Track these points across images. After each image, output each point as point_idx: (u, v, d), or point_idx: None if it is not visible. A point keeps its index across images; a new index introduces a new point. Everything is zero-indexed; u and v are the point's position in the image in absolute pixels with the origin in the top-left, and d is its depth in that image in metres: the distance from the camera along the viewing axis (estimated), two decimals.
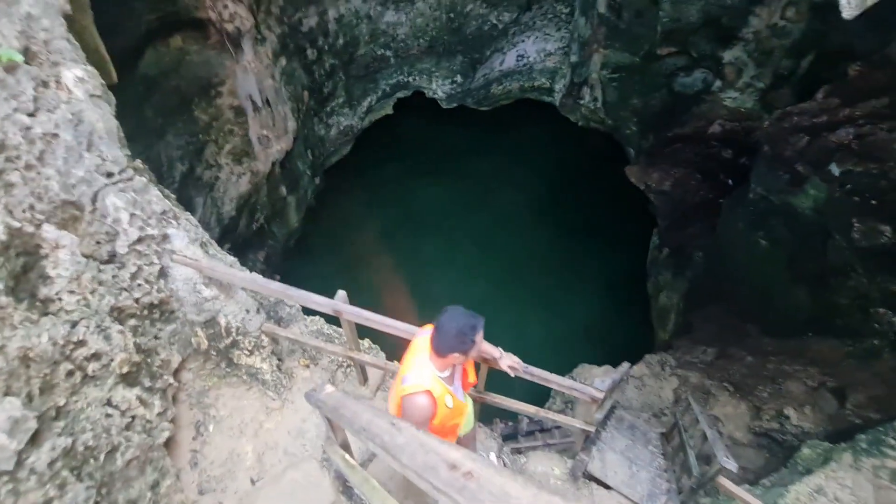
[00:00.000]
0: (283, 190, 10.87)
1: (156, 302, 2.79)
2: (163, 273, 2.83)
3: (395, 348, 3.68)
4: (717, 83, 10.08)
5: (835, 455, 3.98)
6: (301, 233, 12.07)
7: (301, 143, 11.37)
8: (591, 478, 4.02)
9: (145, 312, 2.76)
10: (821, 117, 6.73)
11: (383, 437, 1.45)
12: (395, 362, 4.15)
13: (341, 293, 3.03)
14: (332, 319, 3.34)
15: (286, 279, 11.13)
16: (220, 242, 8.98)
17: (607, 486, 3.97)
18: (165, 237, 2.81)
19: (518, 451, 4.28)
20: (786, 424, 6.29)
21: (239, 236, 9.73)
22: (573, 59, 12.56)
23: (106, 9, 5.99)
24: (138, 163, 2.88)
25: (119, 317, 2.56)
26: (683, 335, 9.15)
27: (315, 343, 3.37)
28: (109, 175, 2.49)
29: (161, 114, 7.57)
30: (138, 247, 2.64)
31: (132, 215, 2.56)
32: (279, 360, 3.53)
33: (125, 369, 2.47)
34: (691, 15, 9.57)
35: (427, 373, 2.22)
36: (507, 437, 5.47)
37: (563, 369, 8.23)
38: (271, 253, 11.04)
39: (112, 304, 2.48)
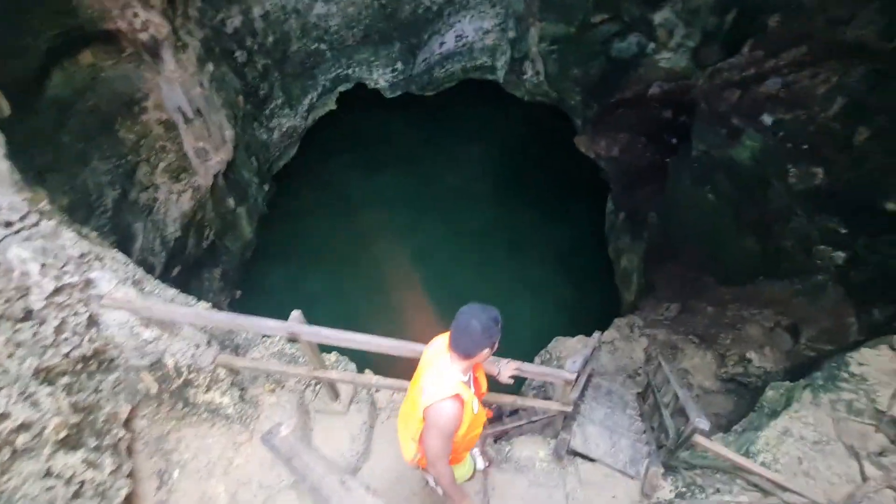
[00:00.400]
0: (231, 202, 10.38)
1: (89, 353, 2.56)
2: (92, 321, 2.59)
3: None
4: (651, 46, 10.26)
5: (795, 394, 4.20)
6: (257, 243, 11.62)
7: (243, 150, 10.84)
8: (575, 453, 4.09)
9: (79, 367, 2.53)
10: (749, 70, 6.96)
11: (331, 500, 1.36)
12: (367, 372, 4.05)
13: (295, 314, 2.88)
14: None
15: (247, 293, 10.78)
16: (169, 267, 8.51)
17: (592, 459, 4.05)
18: (89, 282, 2.57)
19: (501, 438, 4.29)
20: (749, 368, 6.63)
21: (189, 257, 9.24)
22: (511, 34, 12.48)
23: None
24: (44, 204, 2.60)
25: (47, 377, 2.32)
26: (647, 295, 9.46)
27: (277, 368, 3.22)
28: (8, 225, 2.23)
29: (81, 138, 6.98)
30: (57, 298, 2.40)
31: (43, 265, 2.30)
32: (241, 389, 3.36)
33: (62, 434, 2.26)
34: None
35: (452, 376, 2.08)
36: (493, 420, 5.48)
37: (540, 343, 8.37)
38: (228, 268, 10.58)
39: (36, 366, 2.24)
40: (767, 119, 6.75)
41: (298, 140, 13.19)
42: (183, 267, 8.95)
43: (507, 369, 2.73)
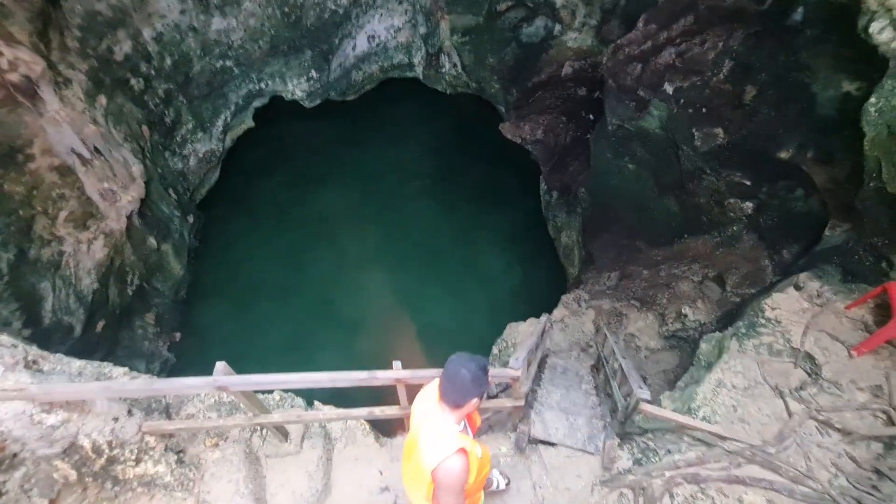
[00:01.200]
0: (153, 241, 9.67)
1: None
2: None
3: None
4: (557, 27, 10.56)
5: (725, 343, 4.51)
6: (190, 279, 10.94)
7: (157, 183, 10.12)
8: (537, 441, 4.19)
9: None
10: (646, 44, 7.33)
11: None
12: (317, 404, 3.91)
13: (220, 365, 2.70)
14: None
15: (188, 334, 10.14)
16: (91, 323, 7.84)
17: (553, 444, 4.16)
18: None
19: None
20: (686, 322, 7.07)
21: (114, 308, 8.55)
22: (422, 30, 12.42)
23: None
24: None
25: None
26: (589, 267, 9.84)
27: (213, 424, 3.02)
28: None
29: None
30: None
31: None
32: (178, 452, 3.13)
33: None
34: None
35: (449, 431, 2.07)
36: None
37: (496, 331, 8.50)
38: (161, 311, 9.90)
39: None
40: (669, 88, 7.15)
41: (219, 163, 12.50)
42: (108, 320, 8.27)
43: None
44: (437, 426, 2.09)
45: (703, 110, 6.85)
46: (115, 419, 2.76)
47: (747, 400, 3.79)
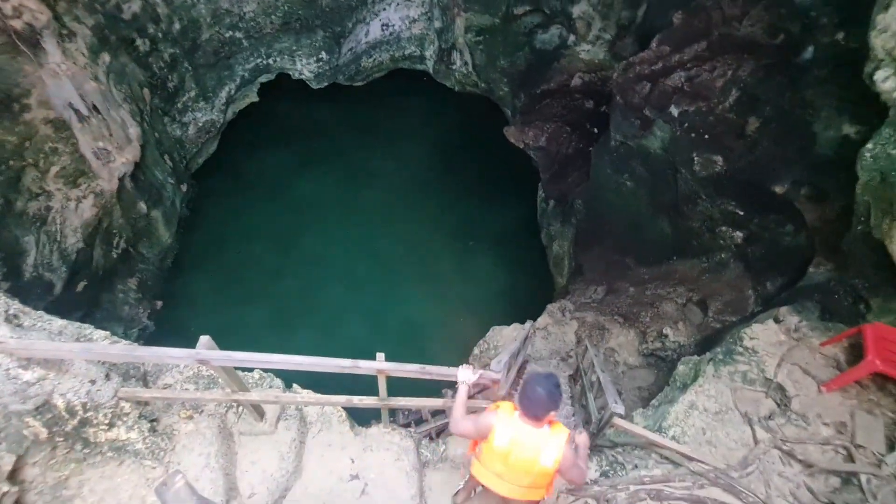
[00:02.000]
0: (143, 206, 9.53)
1: None
2: None
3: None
4: (572, 38, 10.60)
5: (701, 367, 4.61)
6: (178, 248, 10.81)
7: (153, 148, 9.97)
8: None
9: None
10: (657, 64, 7.39)
11: None
12: (295, 386, 3.91)
13: (204, 339, 2.69)
14: None
15: (169, 303, 10.04)
16: (72, 282, 7.72)
17: None
18: None
19: (432, 437, 4.34)
20: (666, 342, 7.19)
21: (97, 269, 8.43)
22: (437, 24, 12.37)
23: None
24: None
25: None
26: (577, 278, 9.94)
27: (190, 396, 3.01)
28: None
29: None
30: None
31: None
32: (152, 421, 3.12)
33: None
34: None
35: (546, 437, 2.44)
36: (417, 423, 5.53)
37: (479, 332, 8.55)
38: (145, 277, 9.77)
39: None
40: (674, 110, 7.23)
41: (218, 135, 12.35)
42: (90, 281, 8.16)
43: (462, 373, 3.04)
44: (540, 438, 2.43)
45: (706, 136, 6.94)
46: (92, 381, 2.74)
47: (717, 424, 3.88)
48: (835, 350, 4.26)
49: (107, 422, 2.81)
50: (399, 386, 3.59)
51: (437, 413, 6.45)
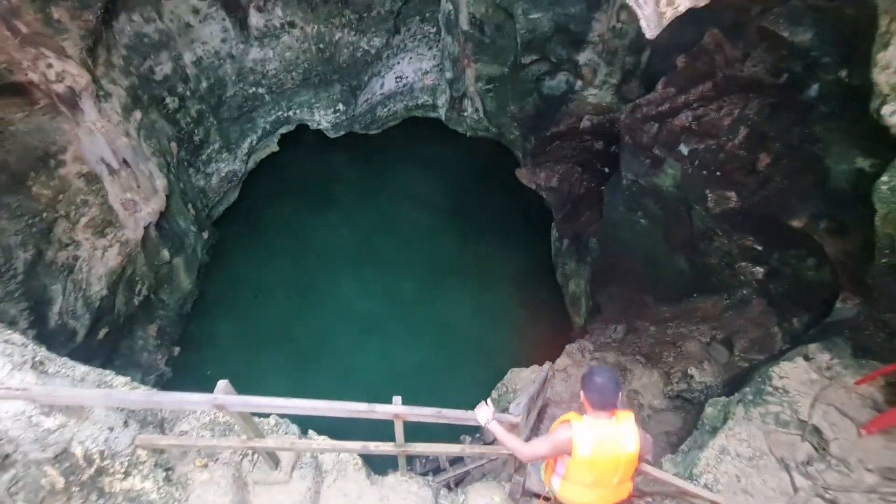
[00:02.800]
0: (166, 253, 9.83)
1: None
2: None
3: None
4: (578, 83, 10.98)
5: (730, 409, 4.41)
6: (197, 294, 11.02)
7: (178, 198, 10.39)
8: (532, 493, 4.05)
9: None
10: (664, 105, 7.58)
11: None
12: (311, 433, 3.84)
13: (222, 384, 2.70)
14: None
15: (187, 348, 10.11)
16: (94, 329, 7.88)
17: (548, 499, 4.01)
18: None
19: (451, 486, 4.17)
20: (692, 383, 6.92)
21: (118, 316, 8.60)
22: (448, 75, 12.97)
23: None
24: None
25: None
26: (595, 318, 9.76)
27: (206, 443, 2.98)
28: None
29: None
30: None
31: None
32: (167, 470, 3.08)
33: None
34: (543, 25, 10.34)
35: (614, 419, 2.60)
36: (435, 472, 5.33)
37: (497, 375, 8.37)
38: (164, 324, 9.92)
39: None
40: (684, 149, 7.33)
41: (239, 184, 12.85)
42: (111, 328, 8.31)
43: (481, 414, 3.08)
44: (619, 428, 2.57)
45: (717, 173, 6.98)
46: (111, 429, 2.74)
47: (752, 470, 3.66)
48: (871, 389, 4.05)
49: (123, 471, 2.78)
50: (416, 432, 3.51)
51: (455, 461, 6.23)
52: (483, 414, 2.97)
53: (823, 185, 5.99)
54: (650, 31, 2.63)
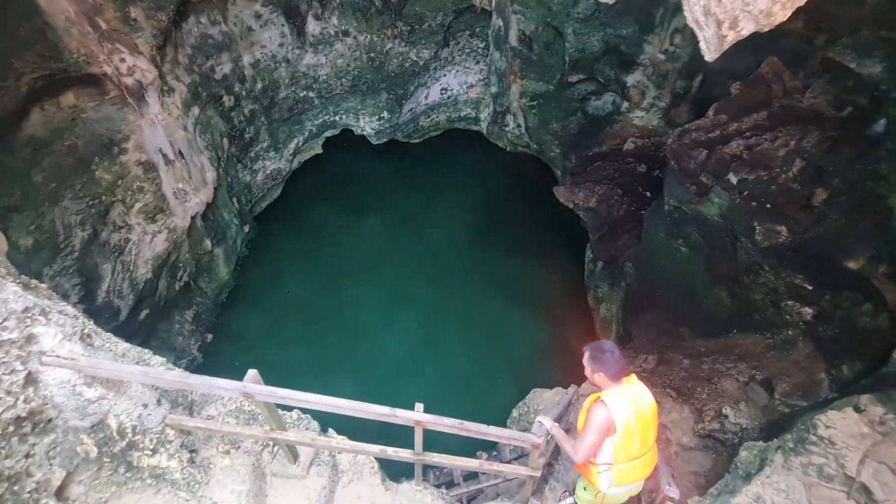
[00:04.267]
0: (208, 243, 10.25)
1: (24, 414, 2.40)
2: (31, 380, 2.45)
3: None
4: (625, 104, 10.81)
5: (768, 455, 4.13)
6: (233, 285, 11.41)
7: (224, 191, 10.85)
8: None
9: (10, 429, 2.36)
10: (714, 132, 7.34)
11: None
12: (330, 431, 3.87)
13: (251, 373, 2.76)
14: None
15: (219, 337, 10.44)
16: (136, 309, 8.26)
17: None
18: (31, 338, 2.45)
19: (463, 502, 4.09)
20: (725, 423, 6.55)
21: (160, 299, 8.99)
22: (493, 89, 13.06)
23: None
24: None
25: None
26: (625, 345, 9.43)
27: (230, 430, 3.05)
28: None
29: (54, 178, 6.91)
30: None
31: None
32: (192, 451, 3.16)
33: None
34: (593, 45, 10.27)
35: (630, 385, 2.84)
36: (449, 485, 5.24)
37: (520, 394, 8.21)
38: (200, 311, 10.30)
39: None
40: (733, 178, 7.05)
41: (283, 182, 13.30)
42: (152, 310, 8.69)
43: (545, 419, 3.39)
44: (634, 392, 2.77)
45: (768, 205, 6.67)
46: (145, 405, 2.85)
47: None
48: None
49: (151, 447, 2.88)
50: (432, 442, 3.47)
51: (468, 477, 6.11)
52: (546, 420, 3.19)
53: (885, 225, 5.62)
54: (710, 54, 2.56)
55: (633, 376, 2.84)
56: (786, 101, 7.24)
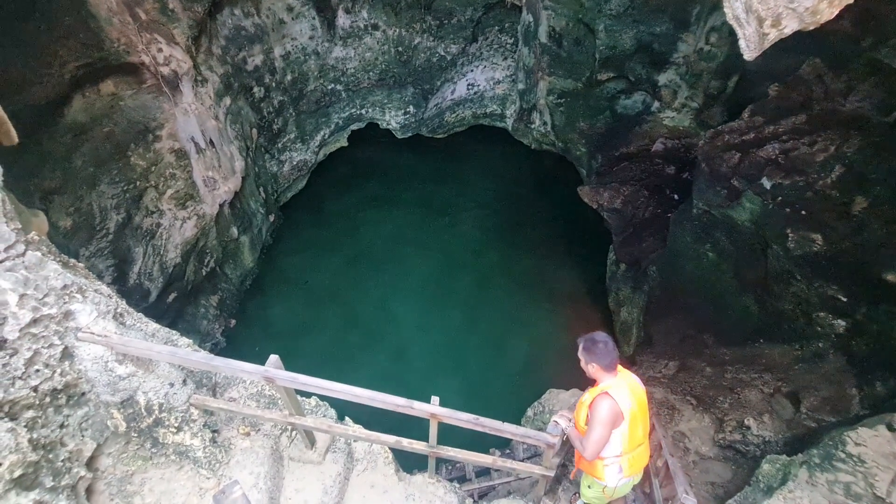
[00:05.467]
0: (235, 231, 10.50)
1: (59, 387, 2.51)
2: (67, 354, 2.56)
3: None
4: (656, 104, 10.56)
5: (792, 470, 4.01)
6: (257, 273, 11.66)
7: (252, 181, 11.08)
8: None
9: (47, 400, 2.48)
10: (748, 134, 7.10)
11: None
12: (347, 420, 3.93)
13: (273, 358, 2.83)
14: None
15: (242, 323, 10.70)
16: (165, 292, 8.52)
17: None
18: (68, 314, 2.56)
19: (475, 498, 4.10)
20: (747, 435, 6.37)
21: (187, 283, 9.26)
22: (520, 86, 12.93)
23: (14, 61, 5.71)
24: (33, 235, 2.63)
25: (11, 411, 2.27)
26: (645, 349, 9.27)
27: (251, 412, 3.13)
28: None
29: (93, 163, 7.19)
30: (33, 329, 2.38)
31: (22, 296, 2.31)
32: (214, 431, 3.26)
33: (18, 472, 2.18)
34: (625, 42, 10.05)
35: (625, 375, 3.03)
36: (460, 481, 5.26)
37: (535, 394, 8.16)
38: (225, 296, 10.57)
39: (0, 399, 2.20)
40: (766, 183, 6.82)
41: (308, 173, 13.49)
42: (179, 293, 8.96)
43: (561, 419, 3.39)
44: (629, 381, 2.93)
45: (803, 212, 6.43)
46: (171, 384, 2.95)
47: None
48: None
49: (176, 425, 2.98)
50: (446, 437, 3.48)
51: (480, 473, 6.11)
52: (562, 419, 3.20)
53: None
54: (749, 53, 2.47)
55: (620, 366, 2.95)
56: (827, 104, 6.95)
